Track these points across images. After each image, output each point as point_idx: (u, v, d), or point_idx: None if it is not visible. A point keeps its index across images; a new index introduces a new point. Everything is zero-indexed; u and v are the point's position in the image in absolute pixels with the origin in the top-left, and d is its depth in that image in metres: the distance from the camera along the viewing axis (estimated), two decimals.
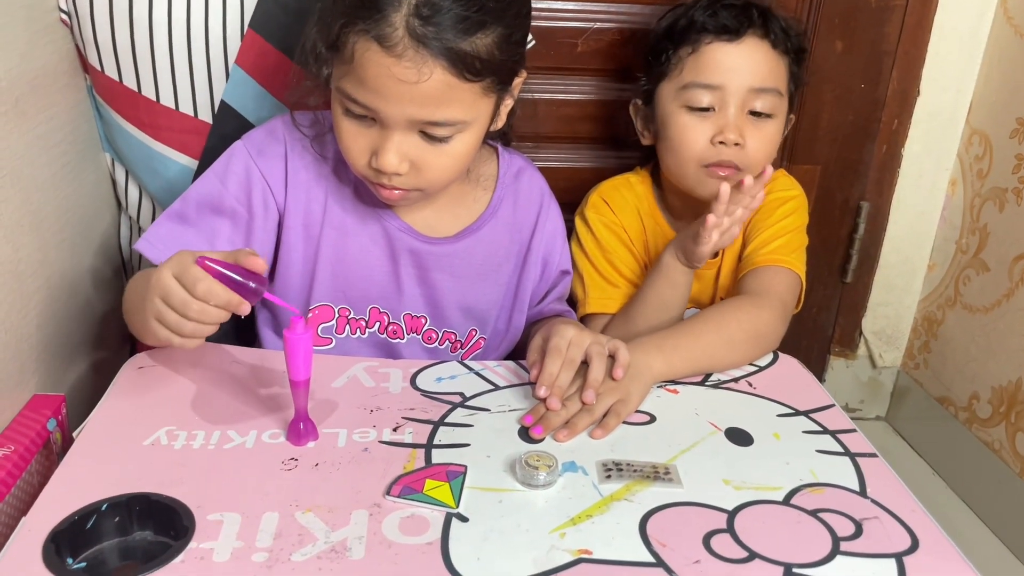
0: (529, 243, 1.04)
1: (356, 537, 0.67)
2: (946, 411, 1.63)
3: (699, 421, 0.87)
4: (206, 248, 0.87)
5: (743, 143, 1.02)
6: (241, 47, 1.06)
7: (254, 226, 0.95)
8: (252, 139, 0.96)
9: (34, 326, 0.95)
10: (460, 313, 1.03)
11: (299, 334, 0.75)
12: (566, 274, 1.09)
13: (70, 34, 1.07)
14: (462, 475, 0.76)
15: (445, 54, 0.79)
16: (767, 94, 1.02)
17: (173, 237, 0.92)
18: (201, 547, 0.66)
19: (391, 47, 0.79)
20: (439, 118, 0.83)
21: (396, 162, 0.85)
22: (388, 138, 0.85)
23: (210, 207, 0.94)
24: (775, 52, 1.03)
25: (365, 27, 0.79)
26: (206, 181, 0.95)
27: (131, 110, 1.09)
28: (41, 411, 0.90)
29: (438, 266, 1.00)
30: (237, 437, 0.80)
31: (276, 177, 0.95)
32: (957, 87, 1.54)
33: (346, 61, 0.82)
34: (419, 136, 0.85)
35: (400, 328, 1.02)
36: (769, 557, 0.68)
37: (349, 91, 0.83)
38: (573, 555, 0.67)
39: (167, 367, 0.91)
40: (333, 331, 1.00)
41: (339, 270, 0.98)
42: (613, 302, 1.11)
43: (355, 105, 0.84)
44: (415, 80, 0.80)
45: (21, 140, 0.93)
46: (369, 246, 0.98)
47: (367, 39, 0.79)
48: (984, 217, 1.53)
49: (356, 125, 0.86)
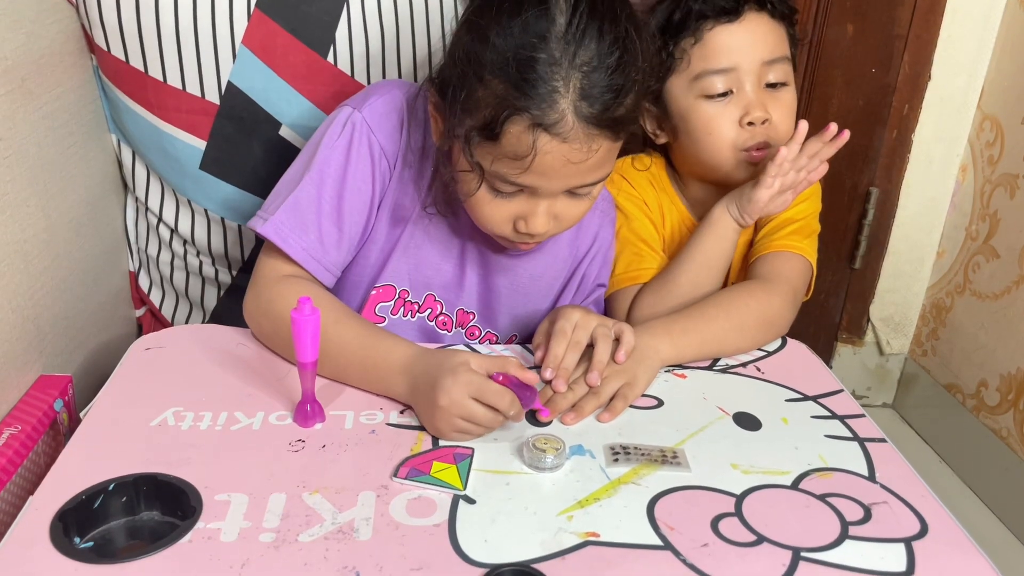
0: (581, 260, 1.04)
1: (363, 518, 0.67)
2: (954, 398, 1.62)
3: (707, 405, 0.87)
4: (335, 235, 0.90)
5: (770, 118, 1.01)
6: (248, 27, 1.05)
7: (372, 203, 0.93)
8: (372, 111, 0.92)
9: (41, 306, 0.95)
10: (509, 318, 1.04)
11: (306, 315, 0.75)
12: (601, 287, 1.09)
13: (76, 14, 1.06)
14: (469, 458, 0.76)
15: (609, 126, 0.80)
16: (778, 63, 1.02)
17: (298, 224, 0.89)
18: (208, 527, 0.66)
19: (560, 133, 0.78)
20: (594, 179, 0.84)
21: (547, 226, 0.86)
22: (538, 204, 0.85)
23: (334, 186, 0.91)
24: (774, 20, 1.02)
25: (531, 116, 0.77)
26: (328, 158, 0.90)
27: (138, 91, 1.09)
28: (48, 391, 0.90)
29: (502, 271, 1.01)
30: (244, 418, 0.80)
31: (391, 155, 0.93)
32: (969, 72, 1.53)
33: (504, 146, 0.80)
34: (566, 194, 0.85)
35: (450, 320, 1.02)
36: (777, 541, 0.68)
37: (505, 174, 0.82)
38: (580, 538, 0.67)
39: (174, 348, 0.91)
40: (389, 311, 1.00)
41: (412, 256, 0.98)
42: (644, 272, 1.10)
43: (508, 185, 0.83)
44: (585, 159, 0.80)
45: (27, 119, 0.93)
46: (446, 240, 0.98)
47: (534, 128, 0.78)
48: (994, 204, 1.52)
49: (501, 198, 0.85)
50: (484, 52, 0.78)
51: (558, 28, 0.77)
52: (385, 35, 1.09)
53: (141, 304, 1.29)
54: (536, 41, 0.76)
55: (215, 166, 1.12)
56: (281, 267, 0.90)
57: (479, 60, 0.78)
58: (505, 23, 0.77)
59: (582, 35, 0.77)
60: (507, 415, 0.77)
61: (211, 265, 1.23)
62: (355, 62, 1.09)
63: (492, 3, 0.79)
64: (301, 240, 0.89)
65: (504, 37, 0.77)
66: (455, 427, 0.77)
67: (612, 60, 0.78)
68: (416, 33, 1.10)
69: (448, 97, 0.82)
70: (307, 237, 0.89)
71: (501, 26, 0.78)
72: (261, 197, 1.14)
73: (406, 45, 1.10)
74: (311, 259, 0.90)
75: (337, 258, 0.92)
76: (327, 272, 0.91)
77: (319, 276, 0.91)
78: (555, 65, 0.76)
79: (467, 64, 0.79)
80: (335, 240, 0.91)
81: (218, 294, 1.26)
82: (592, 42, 0.77)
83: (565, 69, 0.77)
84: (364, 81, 1.10)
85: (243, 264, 1.22)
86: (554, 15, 0.77)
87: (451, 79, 0.81)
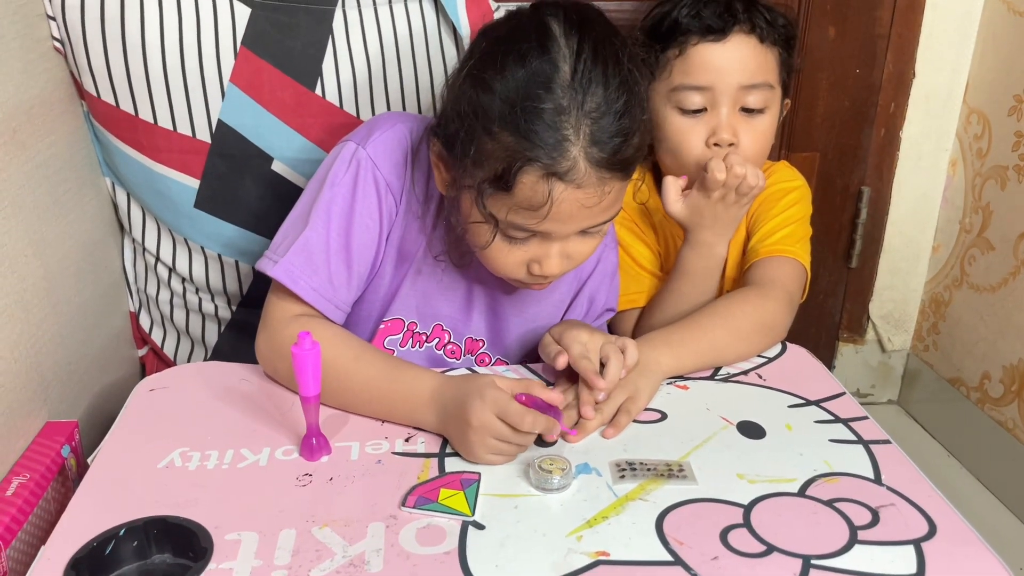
0: (584, 282, 1.04)
1: (374, 550, 0.68)
2: (958, 392, 1.62)
3: (710, 416, 0.87)
4: (343, 271, 0.91)
5: (737, 142, 1.01)
6: (235, 65, 1.06)
7: (380, 239, 0.94)
8: (377, 147, 0.91)
9: (43, 354, 0.96)
10: (517, 344, 1.04)
11: (307, 350, 0.75)
12: (610, 311, 1.09)
13: (64, 61, 1.07)
14: (476, 483, 0.76)
15: (620, 167, 0.80)
16: (758, 90, 1.01)
17: (308, 265, 0.89)
18: (220, 567, 0.66)
19: (574, 180, 0.78)
20: (607, 218, 0.85)
21: (561, 266, 0.86)
22: (552, 246, 0.85)
23: (342, 225, 0.90)
24: (763, 46, 1.02)
25: (544, 166, 0.77)
26: (334, 196, 0.90)
27: (130, 133, 1.09)
28: (55, 438, 0.91)
29: (508, 302, 1.01)
30: (251, 455, 0.80)
31: (396, 191, 0.93)
32: (952, 67, 1.54)
33: (518, 197, 0.79)
34: (578, 234, 0.85)
35: (459, 349, 1.03)
36: (787, 550, 0.68)
37: (519, 222, 0.82)
38: (591, 557, 0.67)
39: (178, 388, 0.91)
40: (398, 343, 1.00)
41: (420, 291, 0.98)
42: (640, 296, 1.11)
43: (521, 232, 0.83)
44: (598, 203, 0.80)
45: (21, 170, 0.94)
46: (453, 276, 0.98)
47: (548, 177, 0.78)
48: (986, 196, 1.53)
49: (514, 244, 0.85)
50: (490, 104, 0.78)
51: (563, 76, 0.77)
52: (371, 65, 1.10)
53: (143, 344, 1.29)
54: (542, 91, 0.76)
55: (209, 204, 1.13)
56: (291, 307, 0.90)
57: (486, 113, 0.78)
58: (509, 74, 0.77)
59: (588, 81, 0.77)
60: (531, 432, 0.77)
61: (211, 301, 1.23)
62: (343, 93, 1.10)
63: (494, 54, 0.79)
64: (311, 280, 0.89)
65: (509, 88, 0.77)
66: (490, 448, 0.78)
67: (619, 105, 0.78)
68: (402, 61, 1.12)
69: (456, 150, 0.82)
70: (316, 277, 0.89)
71: (505, 77, 0.78)
72: (257, 233, 1.15)
73: (393, 74, 1.11)
74: (322, 299, 0.90)
75: (347, 296, 0.93)
76: (337, 310, 0.92)
77: (330, 315, 0.91)
78: (564, 114, 0.77)
79: (474, 117, 0.79)
80: (344, 278, 0.91)
81: (219, 330, 1.26)
82: (599, 88, 0.78)
83: (574, 117, 0.77)
84: (353, 112, 1.11)
85: (242, 299, 1.23)
86: (558, 63, 0.77)
87: (457, 132, 0.81)
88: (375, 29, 1.10)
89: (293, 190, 1.11)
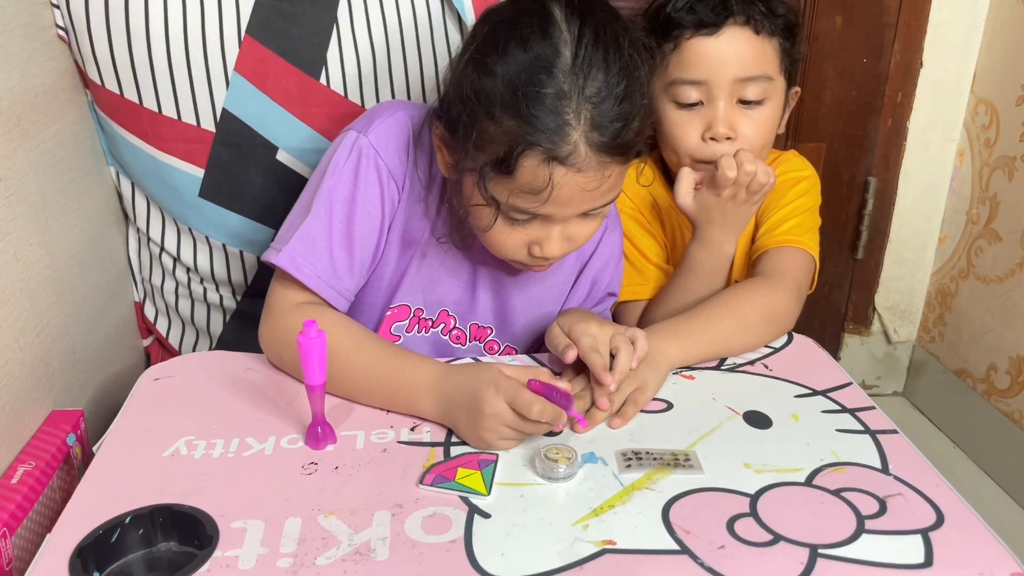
0: (586, 263, 1.04)
1: (380, 538, 0.68)
2: (964, 383, 1.62)
3: (717, 406, 0.87)
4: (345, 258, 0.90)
5: (735, 135, 1.01)
6: (239, 54, 1.06)
7: (383, 227, 0.94)
8: (378, 134, 0.92)
9: (48, 343, 0.96)
10: (525, 329, 1.04)
11: (312, 338, 0.75)
12: (612, 296, 1.09)
13: (68, 50, 1.07)
14: (493, 464, 0.76)
15: (620, 152, 0.80)
16: (755, 82, 1.00)
17: (310, 252, 0.90)
18: (226, 555, 0.66)
19: (575, 164, 0.79)
20: (607, 200, 0.85)
21: (562, 248, 0.87)
22: (553, 228, 0.85)
23: (344, 212, 0.91)
24: (759, 37, 1.00)
25: (545, 150, 0.78)
26: (336, 184, 0.90)
27: (134, 122, 1.09)
28: (60, 427, 0.91)
29: (514, 286, 1.01)
30: (256, 444, 0.80)
31: (399, 178, 0.93)
32: (960, 56, 1.53)
33: (520, 180, 0.80)
34: (579, 216, 0.86)
35: (464, 335, 1.03)
36: (794, 539, 0.68)
37: (520, 205, 0.82)
38: (597, 546, 0.67)
39: (183, 377, 0.91)
40: (404, 330, 1.01)
41: (425, 277, 0.99)
42: (645, 288, 1.11)
43: (522, 214, 0.84)
44: (598, 186, 0.81)
45: (26, 158, 0.94)
46: (457, 261, 0.99)
47: (549, 161, 0.78)
48: (994, 186, 1.52)
49: (515, 226, 0.86)
50: (493, 88, 0.78)
51: (564, 61, 0.77)
52: (376, 54, 1.10)
53: (148, 333, 1.29)
54: (544, 76, 0.77)
55: (214, 193, 1.13)
56: (295, 295, 0.90)
57: (488, 97, 0.79)
58: (511, 58, 0.78)
59: (589, 66, 0.77)
60: (529, 414, 0.76)
61: (215, 291, 1.23)
62: (348, 82, 1.09)
63: (496, 38, 0.79)
64: (314, 268, 0.89)
65: (511, 72, 0.78)
66: (501, 435, 0.78)
67: (620, 89, 0.79)
68: (407, 49, 1.11)
69: (458, 133, 0.82)
70: (320, 264, 0.90)
71: (507, 61, 0.78)
72: (261, 222, 1.15)
73: (397, 63, 1.11)
74: (325, 286, 0.90)
75: (350, 283, 0.93)
76: (341, 297, 0.92)
77: (333, 302, 0.91)
78: (565, 99, 0.77)
79: (476, 101, 0.80)
80: (347, 265, 0.92)
81: (224, 320, 1.26)
82: (600, 72, 0.78)
83: (575, 102, 0.77)
84: (358, 101, 1.10)
85: (247, 289, 1.23)
86: (559, 47, 0.77)
87: (459, 115, 0.81)
88: (379, 17, 1.09)
89: (298, 180, 1.11)
